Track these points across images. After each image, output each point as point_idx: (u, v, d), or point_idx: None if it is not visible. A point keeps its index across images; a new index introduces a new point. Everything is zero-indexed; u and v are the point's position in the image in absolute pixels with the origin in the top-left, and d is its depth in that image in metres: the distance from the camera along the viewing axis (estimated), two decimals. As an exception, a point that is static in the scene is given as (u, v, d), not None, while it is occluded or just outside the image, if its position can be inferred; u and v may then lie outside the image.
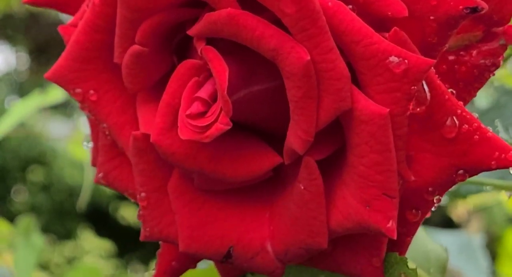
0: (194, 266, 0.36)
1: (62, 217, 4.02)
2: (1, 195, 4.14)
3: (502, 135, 0.37)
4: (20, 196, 4.27)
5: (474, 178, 0.49)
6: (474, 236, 0.87)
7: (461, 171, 0.31)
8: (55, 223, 4.01)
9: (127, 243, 3.36)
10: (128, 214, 3.39)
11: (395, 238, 0.30)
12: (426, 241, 0.43)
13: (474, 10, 0.30)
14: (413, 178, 0.31)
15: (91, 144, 0.36)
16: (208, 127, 0.31)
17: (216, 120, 0.31)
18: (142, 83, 0.33)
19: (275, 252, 0.33)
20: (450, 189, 0.59)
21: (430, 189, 0.32)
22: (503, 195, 0.45)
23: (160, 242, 0.36)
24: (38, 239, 0.76)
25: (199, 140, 0.31)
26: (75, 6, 0.36)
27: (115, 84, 0.34)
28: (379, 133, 0.30)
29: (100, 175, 0.35)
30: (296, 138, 0.31)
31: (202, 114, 0.31)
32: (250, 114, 0.33)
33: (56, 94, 0.75)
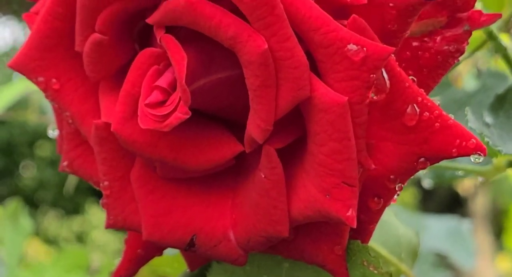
0: (160, 254, 0.36)
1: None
2: (9, 170, 4.16)
3: (472, 124, 0.37)
4: (28, 171, 4.29)
5: (447, 163, 0.49)
6: (462, 221, 0.87)
7: (422, 159, 0.31)
8: (63, 198, 4.03)
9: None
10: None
11: (354, 226, 0.30)
12: (397, 226, 0.43)
13: (433, -4, 0.30)
14: (373, 166, 0.31)
15: (56, 132, 0.36)
16: (167, 116, 0.31)
17: (175, 109, 0.30)
18: (103, 72, 0.33)
19: (237, 240, 0.33)
20: (435, 174, 0.58)
21: (391, 177, 0.32)
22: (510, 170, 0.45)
23: (126, 230, 0.36)
24: (26, 223, 0.76)
25: (158, 129, 0.31)
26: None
27: (77, 72, 0.34)
28: (338, 122, 0.30)
29: (65, 163, 0.35)
30: (255, 127, 0.31)
31: (161, 103, 0.31)
32: (211, 102, 0.33)
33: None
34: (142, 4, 0.32)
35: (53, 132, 0.36)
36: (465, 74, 0.76)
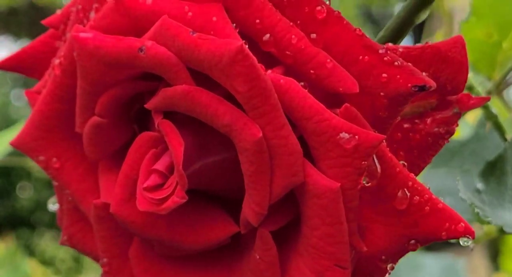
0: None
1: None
2: (6, 191, 4.16)
3: (463, 194, 0.38)
4: (25, 192, 4.29)
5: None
6: (457, 259, 0.87)
7: (412, 241, 0.32)
8: (59, 220, 4.02)
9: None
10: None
11: (347, 308, 0.31)
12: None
13: (422, 88, 0.30)
14: (365, 248, 0.32)
15: (57, 206, 0.37)
16: (164, 199, 0.31)
17: (172, 193, 0.31)
18: (102, 152, 0.34)
19: (233, 318, 0.33)
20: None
21: (383, 257, 0.33)
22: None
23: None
24: (24, 264, 0.76)
25: (156, 212, 0.32)
26: (41, 71, 0.37)
27: (76, 152, 0.35)
28: (331, 207, 0.31)
29: (65, 237, 0.36)
30: (250, 211, 0.31)
31: (159, 186, 0.32)
32: (207, 183, 0.34)
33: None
34: (140, 88, 0.33)
35: (53, 206, 0.37)
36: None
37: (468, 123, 0.74)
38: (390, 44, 0.33)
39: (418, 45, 0.33)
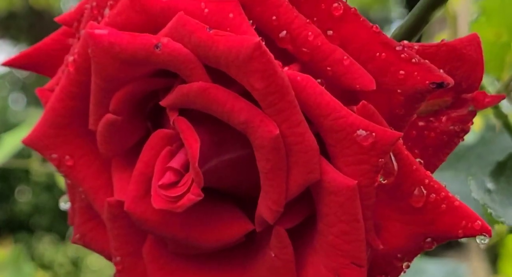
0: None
1: (65, 216, 4.03)
2: (4, 195, 4.15)
3: (475, 194, 0.38)
4: (23, 196, 4.29)
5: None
6: (459, 264, 0.87)
7: (429, 239, 0.32)
8: (58, 223, 4.02)
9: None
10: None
11: (362, 306, 0.31)
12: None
13: (440, 85, 0.30)
14: (381, 246, 0.32)
15: (68, 204, 0.37)
16: (180, 197, 0.31)
17: (188, 191, 0.31)
18: (116, 150, 0.34)
19: (247, 316, 0.33)
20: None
21: (398, 255, 0.33)
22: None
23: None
24: (28, 268, 0.76)
25: (171, 210, 0.31)
26: (53, 69, 0.36)
27: (89, 149, 0.35)
28: (347, 204, 0.30)
29: (77, 236, 0.36)
30: (266, 209, 0.31)
31: (174, 184, 0.32)
32: (222, 181, 0.33)
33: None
34: (155, 85, 0.33)
35: (65, 205, 0.37)
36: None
37: (473, 130, 0.74)
38: (405, 42, 0.33)
39: (434, 42, 0.33)
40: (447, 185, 0.33)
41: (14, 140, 0.75)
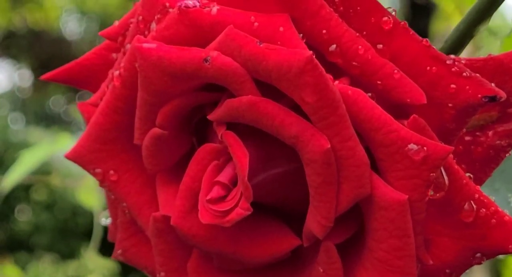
0: None
1: (65, 236, 4.03)
2: (4, 214, 4.14)
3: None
4: (23, 215, 4.27)
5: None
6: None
7: (478, 254, 0.32)
8: (58, 242, 4.01)
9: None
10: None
11: (413, 321, 0.30)
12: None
13: (493, 99, 0.30)
14: (431, 262, 0.32)
15: (109, 220, 0.37)
16: (228, 212, 0.31)
17: (236, 205, 0.31)
18: (162, 164, 0.34)
19: None
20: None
21: (447, 271, 0.32)
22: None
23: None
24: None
25: (219, 225, 0.31)
26: (95, 84, 0.36)
27: (134, 164, 0.34)
28: (398, 219, 0.30)
29: (119, 251, 0.36)
30: (315, 223, 0.31)
31: (222, 198, 0.31)
32: (269, 195, 0.33)
33: (65, 142, 0.76)
34: (202, 100, 0.33)
35: (105, 220, 0.37)
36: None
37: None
38: (452, 56, 0.33)
39: (481, 57, 0.33)
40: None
41: (33, 157, 0.75)
